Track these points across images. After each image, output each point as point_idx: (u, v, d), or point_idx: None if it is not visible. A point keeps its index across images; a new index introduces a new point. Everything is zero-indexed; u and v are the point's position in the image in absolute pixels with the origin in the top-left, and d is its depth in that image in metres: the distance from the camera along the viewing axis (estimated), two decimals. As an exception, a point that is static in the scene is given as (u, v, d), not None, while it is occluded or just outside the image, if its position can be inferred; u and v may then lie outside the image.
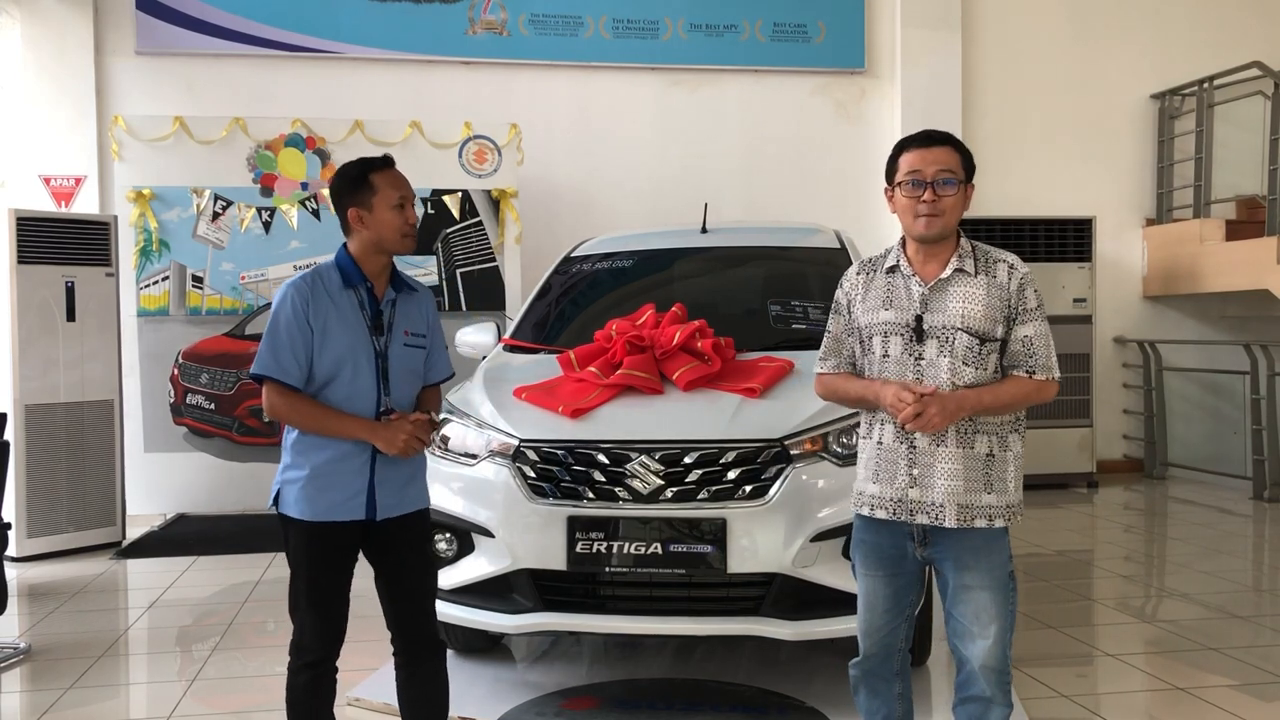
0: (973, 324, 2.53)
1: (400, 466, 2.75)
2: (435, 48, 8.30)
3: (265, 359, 2.66)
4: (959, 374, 2.52)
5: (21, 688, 4.08)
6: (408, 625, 2.83)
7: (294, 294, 2.68)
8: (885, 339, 2.60)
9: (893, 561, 2.64)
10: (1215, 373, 8.64)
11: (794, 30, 8.73)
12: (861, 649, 2.73)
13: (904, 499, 2.57)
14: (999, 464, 2.55)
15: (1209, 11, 9.24)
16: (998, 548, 2.56)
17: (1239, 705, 3.72)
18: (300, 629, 2.75)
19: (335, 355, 2.67)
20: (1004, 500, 2.55)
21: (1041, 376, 2.55)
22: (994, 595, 2.55)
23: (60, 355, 6.23)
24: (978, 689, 2.57)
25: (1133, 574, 5.93)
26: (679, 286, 4.76)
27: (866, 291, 2.67)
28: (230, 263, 7.18)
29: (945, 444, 2.53)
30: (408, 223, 2.73)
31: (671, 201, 7.97)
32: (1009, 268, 2.59)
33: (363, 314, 2.73)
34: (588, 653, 4.28)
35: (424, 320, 2.86)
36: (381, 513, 2.73)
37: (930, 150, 2.57)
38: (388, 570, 2.81)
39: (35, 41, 7.76)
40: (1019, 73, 9.03)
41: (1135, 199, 9.25)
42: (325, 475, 2.68)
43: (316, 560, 2.72)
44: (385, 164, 2.78)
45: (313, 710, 2.77)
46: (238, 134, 7.22)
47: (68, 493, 6.23)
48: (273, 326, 2.67)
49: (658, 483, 3.41)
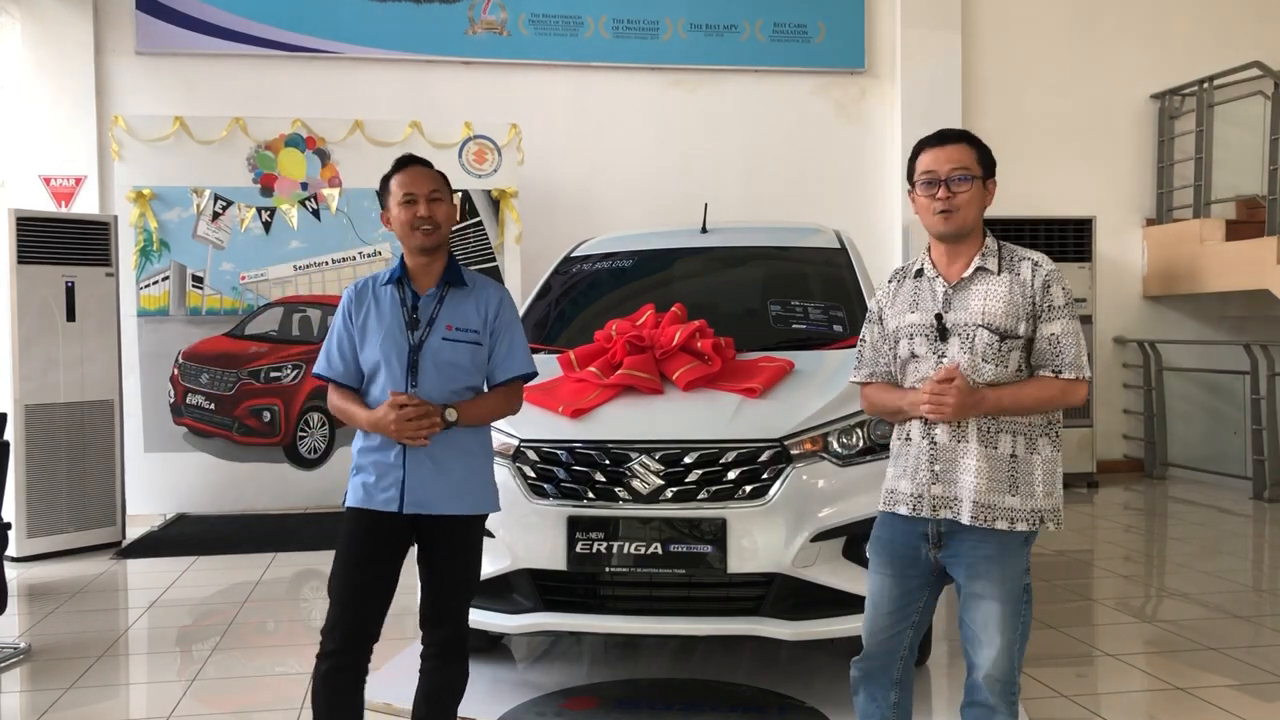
0: (993, 320, 2.51)
1: (437, 463, 2.77)
2: (435, 48, 8.31)
3: (320, 359, 2.88)
4: (979, 371, 2.50)
5: (21, 688, 4.08)
6: (440, 623, 2.86)
7: (344, 298, 2.90)
8: (911, 340, 2.61)
9: (904, 562, 2.62)
10: (1215, 373, 8.63)
11: (794, 30, 8.73)
12: (864, 647, 2.72)
13: (925, 495, 2.55)
14: (1024, 465, 2.51)
15: (1209, 11, 9.24)
16: (1013, 559, 2.52)
17: (1239, 705, 3.72)
18: (326, 619, 2.78)
19: (372, 351, 2.80)
20: (1029, 504, 2.50)
21: (1070, 375, 2.50)
22: (1004, 607, 2.51)
23: (60, 355, 6.23)
24: (982, 696, 2.56)
25: (1133, 574, 5.94)
26: (679, 286, 4.76)
27: (895, 297, 2.70)
28: (230, 263, 7.19)
29: (967, 440, 2.51)
30: (416, 215, 2.81)
31: (671, 201, 7.96)
32: (1033, 265, 2.56)
33: (403, 309, 2.83)
34: (588, 653, 4.28)
35: (479, 316, 2.87)
36: (410, 507, 2.75)
37: (944, 148, 2.58)
38: (427, 566, 2.85)
39: (35, 41, 7.76)
40: (1019, 73, 9.04)
41: (1135, 199, 9.25)
42: (366, 465, 2.79)
43: (348, 547, 2.78)
44: (401, 165, 2.92)
45: (326, 704, 2.76)
46: (238, 134, 7.23)
47: (68, 493, 6.23)
48: (330, 330, 2.90)
49: (658, 483, 3.41)
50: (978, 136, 2.64)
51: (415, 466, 2.76)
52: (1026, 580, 2.55)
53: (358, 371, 2.84)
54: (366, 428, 2.78)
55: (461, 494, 2.82)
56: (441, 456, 2.77)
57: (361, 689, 2.81)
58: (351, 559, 2.77)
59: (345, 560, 2.77)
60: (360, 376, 2.84)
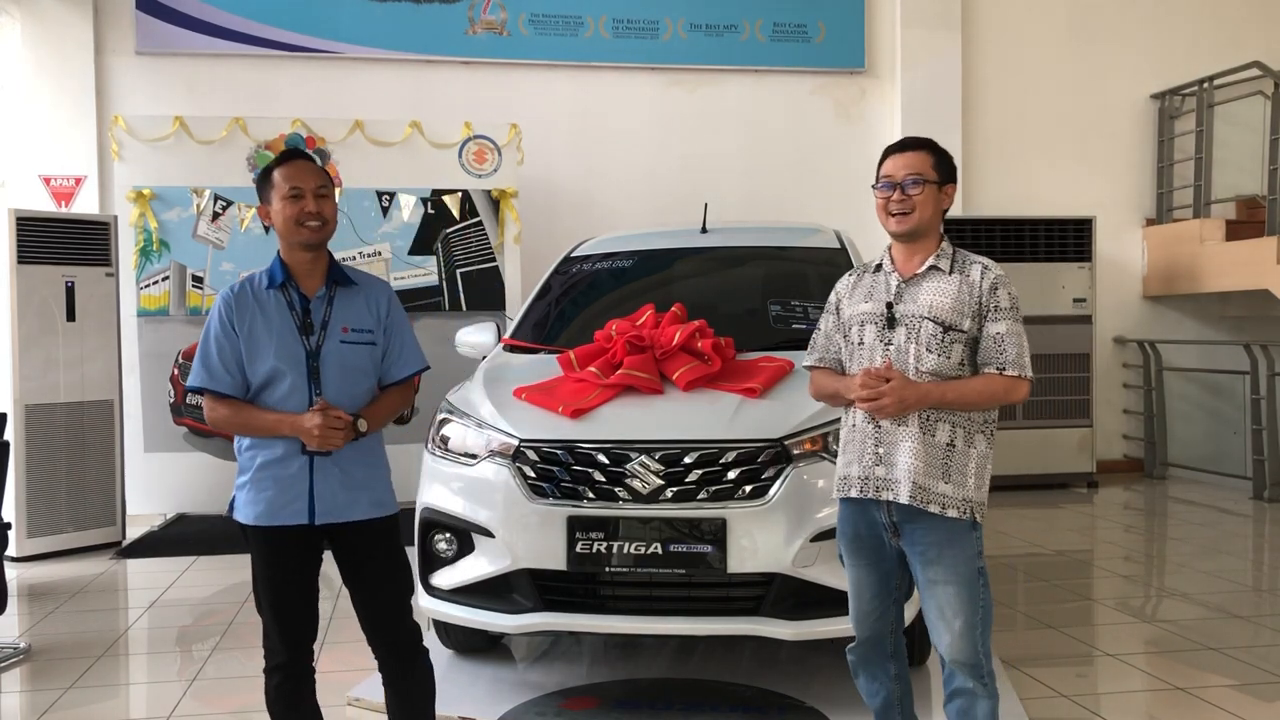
0: (939, 314, 2.67)
1: (344, 470, 2.70)
2: (435, 48, 8.31)
3: (198, 371, 2.68)
4: (922, 360, 2.66)
5: (21, 688, 4.09)
6: (382, 630, 2.80)
7: (220, 304, 2.71)
8: (862, 327, 2.78)
9: (872, 550, 2.78)
10: (1215, 373, 8.63)
11: (794, 30, 8.73)
12: (855, 635, 2.88)
13: (870, 476, 2.70)
14: (959, 456, 2.65)
15: (1209, 11, 9.24)
16: (962, 543, 2.65)
17: (1239, 705, 3.72)
18: (266, 632, 2.75)
19: (264, 359, 2.66)
20: (961, 493, 2.64)
21: (1012, 373, 2.64)
22: (959, 590, 2.63)
23: (60, 355, 6.23)
24: (959, 683, 2.68)
25: (1133, 574, 5.94)
26: (679, 286, 4.76)
27: (854, 290, 2.87)
28: (230, 263, 7.18)
29: (908, 425, 2.65)
30: (303, 210, 2.66)
31: (671, 201, 7.96)
32: (983, 268, 2.73)
33: (291, 314, 2.70)
34: (588, 653, 4.28)
35: (371, 315, 2.77)
36: (321, 517, 2.67)
37: (902, 155, 2.77)
38: (352, 577, 2.78)
39: (35, 41, 7.76)
40: (1019, 73, 9.03)
41: (1135, 199, 9.25)
42: (265, 479, 2.67)
43: (269, 565, 2.71)
44: (288, 157, 2.75)
45: (286, 712, 2.77)
46: (238, 134, 7.22)
47: (68, 493, 6.23)
48: (204, 338, 2.70)
49: (658, 483, 3.41)
50: (939, 145, 2.81)
51: (324, 475, 2.66)
52: (980, 564, 2.68)
53: (244, 383, 2.67)
54: (286, 431, 2.62)
55: (369, 497, 2.75)
56: (347, 463, 2.69)
57: (314, 690, 2.82)
58: (274, 577, 2.71)
59: (269, 579, 2.71)
60: (247, 388, 2.68)
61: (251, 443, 2.70)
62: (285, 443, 2.66)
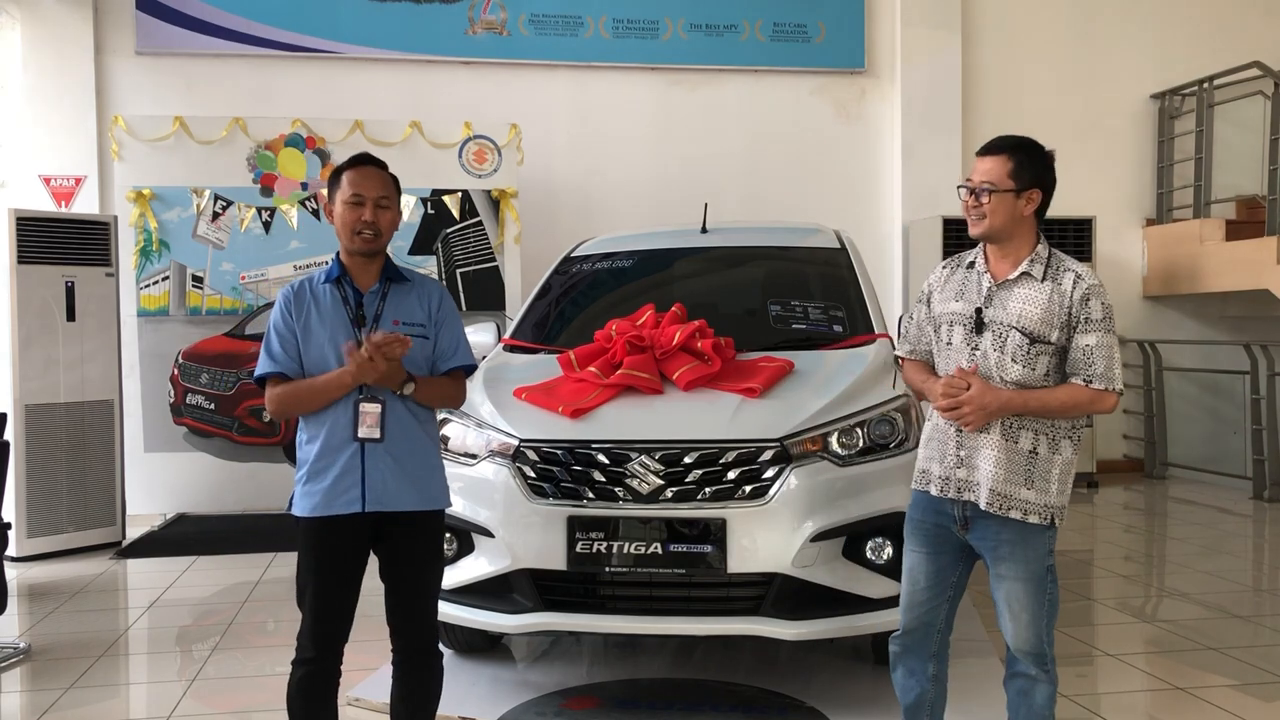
0: (1027, 325, 2.63)
1: (396, 459, 2.74)
2: (435, 48, 8.31)
3: (263, 360, 2.77)
4: (1007, 370, 2.64)
5: (21, 688, 4.09)
6: (404, 625, 2.83)
7: (280, 299, 2.81)
8: (950, 327, 2.76)
9: (935, 539, 2.77)
10: (1215, 373, 8.64)
11: (794, 30, 8.73)
12: (901, 624, 2.86)
13: (951, 477, 2.70)
14: (1043, 463, 2.64)
15: (1209, 11, 9.24)
16: (1035, 543, 2.64)
17: (1239, 705, 3.72)
18: (301, 626, 2.77)
19: (317, 350, 2.75)
20: (1044, 499, 2.63)
21: (1099, 386, 2.60)
22: (1027, 586, 2.64)
23: (60, 355, 6.23)
24: (1021, 667, 2.72)
25: (1133, 574, 5.94)
26: (679, 286, 4.76)
27: (945, 284, 2.84)
28: (230, 263, 7.18)
29: (990, 432, 2.64)
30: (360, 219, 2.73)
31: (671, 201, 7.96)
32: (1075, 277, 2.68)
33: (345, 308, 2.78)
34: (588, 653, 4.28)
35: (423, 310, 2.84)
36: (371, 504, 2.71)
37: (981, 160, 2.74)
38: (389, 568, 2.82)
39: (35, 41, 7.76)
40: (1019, 73, 9.03)
41: (1135, 199, 9.25)
42: (319, 470, 2.72)
43: (317, 555, 2.74)
44: (358, 162, 2.82)
45: (304, 708, 2.77)
46: (238, 134, 7.22)
47: (68, 493, 6.23)
48: (266, 333, 2.81)
49: (658, 483, 3.41)
50: (1030, 146, 2.72)
51: (375, 462, 2.71)
52: (1050, 562, 2.68)
53: (302, 371, 2.76)
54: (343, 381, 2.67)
55: (421, 488, 2.79)
56: (399, 452, 2.74)
57: (336, 690, 2.82)
58: (321, 569, 2.74)
59: (315, 570, 2.74)
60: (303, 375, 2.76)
61: (309, 436, 2.76)
62: (338, 430, 2.71)
